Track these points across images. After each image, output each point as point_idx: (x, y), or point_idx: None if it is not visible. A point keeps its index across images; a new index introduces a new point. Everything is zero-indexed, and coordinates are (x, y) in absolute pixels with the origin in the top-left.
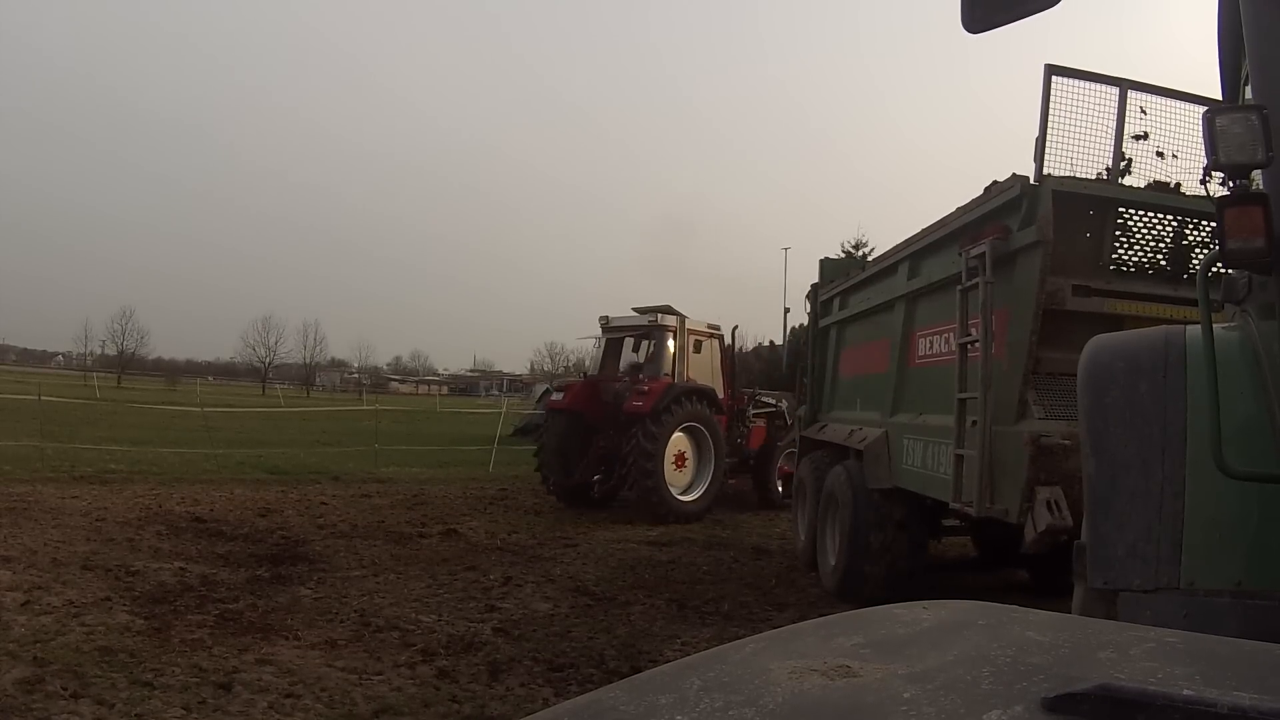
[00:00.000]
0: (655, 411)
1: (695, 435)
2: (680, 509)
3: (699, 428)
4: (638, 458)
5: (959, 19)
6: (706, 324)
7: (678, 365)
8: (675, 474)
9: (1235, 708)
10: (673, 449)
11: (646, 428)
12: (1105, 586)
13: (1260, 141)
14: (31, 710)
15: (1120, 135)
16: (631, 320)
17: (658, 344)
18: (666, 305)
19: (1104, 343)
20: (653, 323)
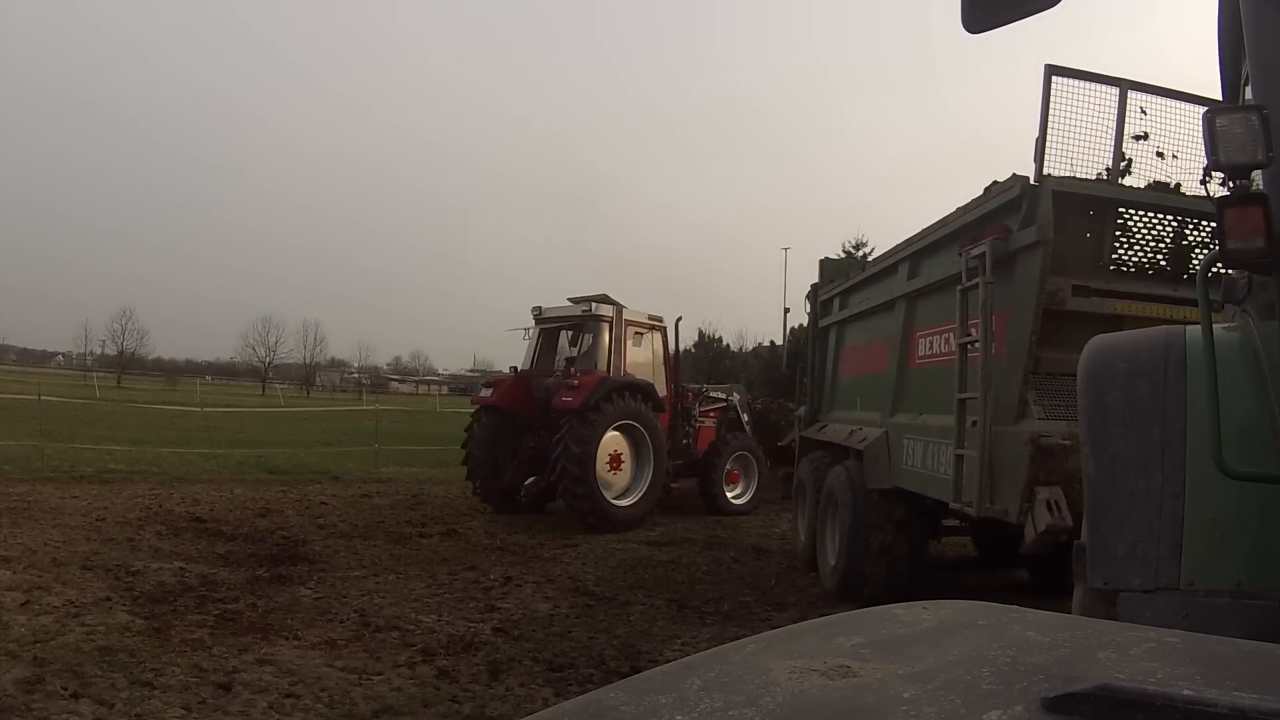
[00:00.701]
0: (586, 408)
1: (632, 435)
2: (615, 515)
3: (636, 426)
4: (566, 459)
5: (959, 19)
6: (647, 315)
7: (614, 358)
8: (610, 476)
9: (1235, 708)
10: (607, 449)
11: (575, 426)
12: (1105, 587)
13: (1260, 142)
14: (31, 710)
15: (1120, 135)
16: (565, 310)
17: (592, 336)
18: (603, 294)
19: (1104, 343)
20: (587, 313)
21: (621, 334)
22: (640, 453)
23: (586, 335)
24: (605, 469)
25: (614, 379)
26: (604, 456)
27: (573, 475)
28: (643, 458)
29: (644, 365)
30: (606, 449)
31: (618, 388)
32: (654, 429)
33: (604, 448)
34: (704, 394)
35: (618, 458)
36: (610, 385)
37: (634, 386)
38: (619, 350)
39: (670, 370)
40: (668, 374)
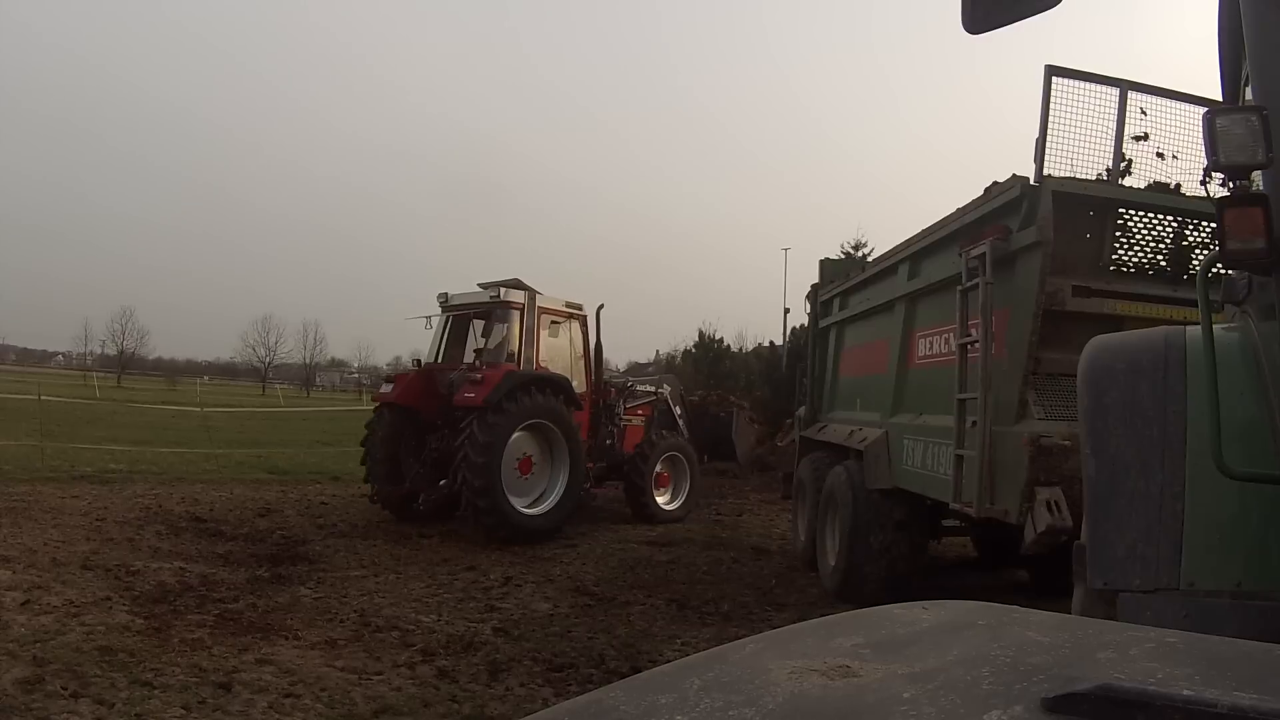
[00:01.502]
0: (490, 405)
1: (544, 435)
2: (524, 524)
3: (548, 425)
4: (467, 463)
5: (959, 20)
6: (565, 302)
7: (525, 350)
8: (519, 482)
9: (1235, 708)
10: (515, 452)
11: (478, 426)
12: (1105, 587)
13: (1260, 142)
14: (31, 710)
15: (1120, 136)
16: (474, 297)
17: (500, 324)
18: (514, 279)
19: (1104, 343)
20: (495, 299)
21: (534, 323)
22: (554, 455)
23: (495, 324)
24: (514, 473)
25: (523, 373)
26: (512, 460)
27: (475, 481)
28: (557, 460)
29: (561, 357)
30: (515, 451)
31: (527, 382)
32: (569, 428)
33: (511, 450)
34: (630, 388)
35: (528, 461)
36: (518, 380)
37: (546, 381)
38: (531, 341)
39: (590, 363)
40: (588, 367)
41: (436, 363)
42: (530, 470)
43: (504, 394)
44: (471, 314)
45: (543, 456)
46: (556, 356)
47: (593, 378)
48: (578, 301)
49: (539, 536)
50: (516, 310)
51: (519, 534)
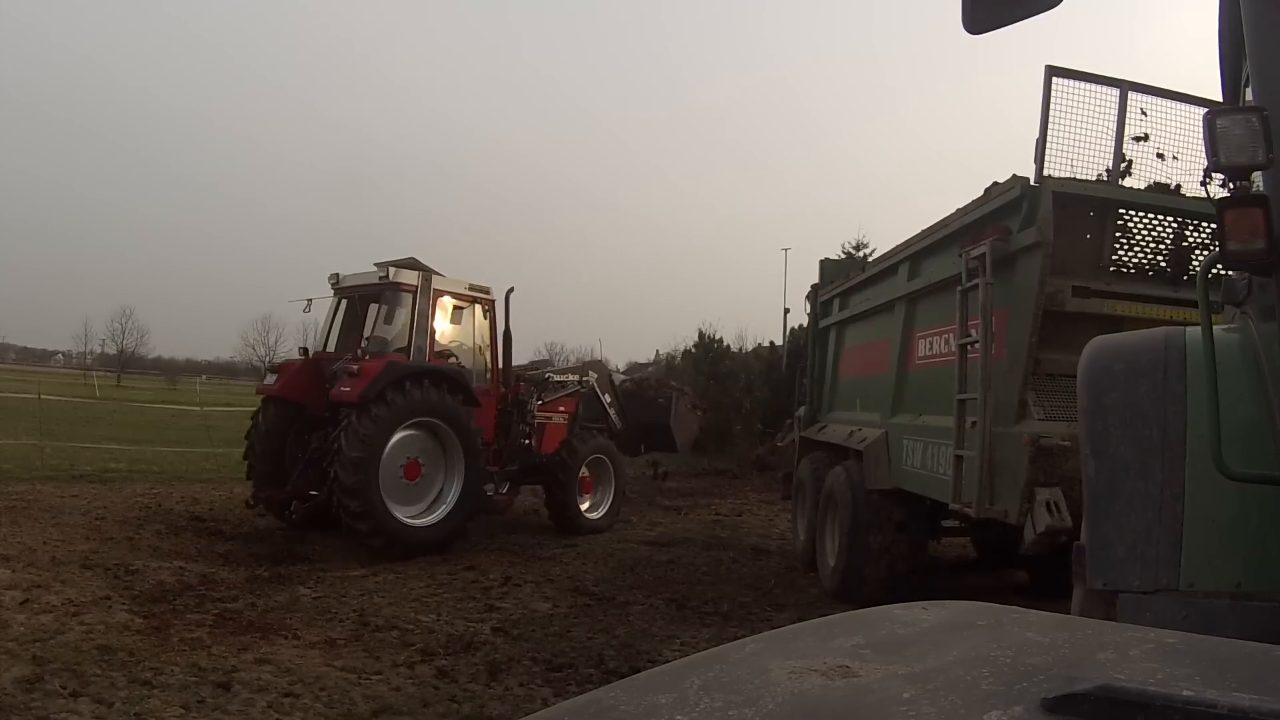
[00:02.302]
0: (365, 400)
1: (436, 435)
2: (404, 534)
3: (439, 424)
4: (340, 466)
5: (960, 20)
6: (468, 284)
7: (416, 338)
8: (404, 487)
9: (1235, 708)
10: (399, 453)
11: (353, 424)
12: (1105, 588)
13: (1260, 143)
14: (31, 709)
15: (1120, 137)
16: (366, 278)
17: (390, 309)
18: (410, 258)
19: (1104, 344)
20: (384, 280)
21: (429, 307)
22: (448, 458)
23: (384, 308)
24: (397, 478)
25: (408, 364)
26: (395, 462)
27: (348, 486)
28: (451, 464)
29: (464, 347)
30: (399, 453)
31: (413, 375)
32: (464, 427)
33: (395, 451)
34: (547, 381)
35: (414, 464)
36: (400, 372)
37: (435, 374)
38: (424, 327)
39: (498, 353)
40: (494, 358)
41: (325, 351)
42: (418, 475)
43: (383, 388)
44: (361, 297)
45: (434, 460)
46: (459, 345)
47: (498, 369)
48: (484, 284)
49: (424, 549)
50: (408, 293)
51: (398, 545)
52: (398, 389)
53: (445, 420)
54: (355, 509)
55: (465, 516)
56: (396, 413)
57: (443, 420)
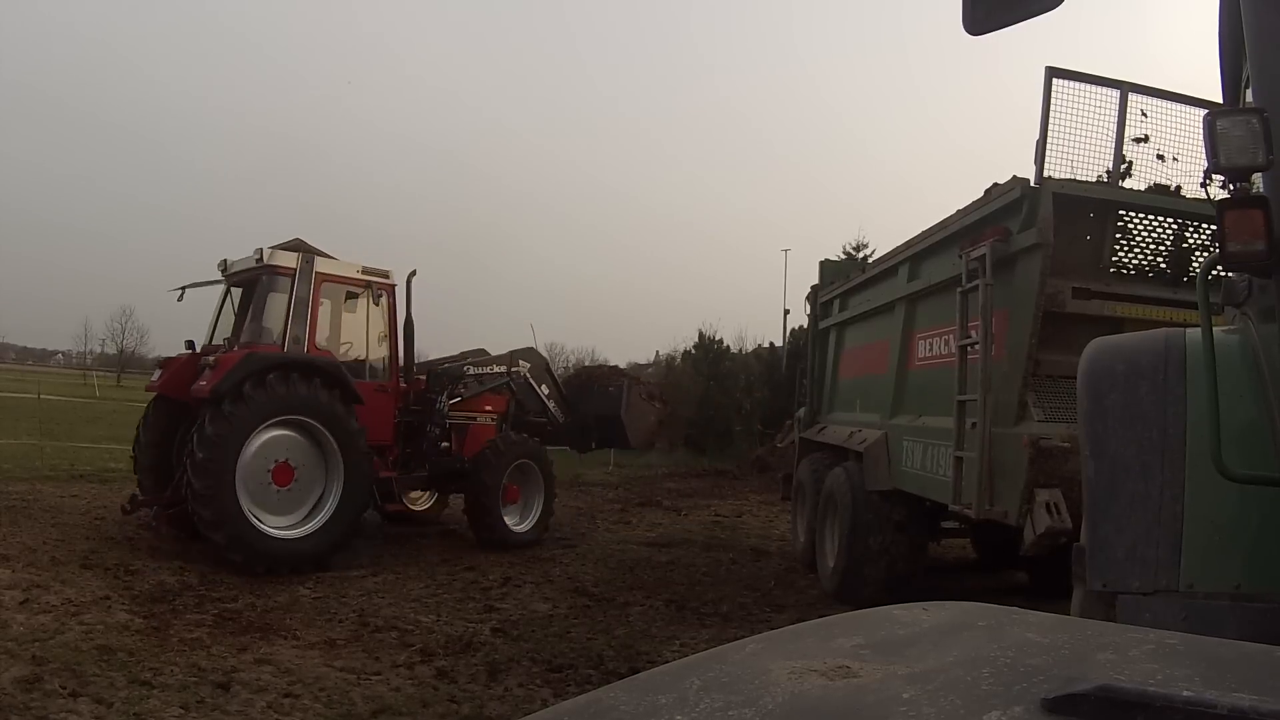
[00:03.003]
0: (218, 396)
1: (313, 436)
2: (269, 547)
3: (313, 424)
4: (192, 470)
5: (960, 21)
6: (361, 267)
7: (294, 326)
8: (273, 495)
9: (1235, 709)
10: (266, 455)
11: (206, 424)
12: (1104, 589)
13: (1261, 144)
14: (30, 709)
15: (1121, 138)
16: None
17: (267, 296)
18: (296, 239)
19: (1104, 345)
20: (260, 264)
21: (311, 293)
22: (327, 462)
23: (261, 295)
24: (263, 483)
25: (272, 355)
26: (261, 466)
27: (198, 492)
28: (331, 468)
29: (357, 338)
30: (266, 455)
31: (277, 368)
32: (341, 427)
33: (260, 453)
34: (462, 374)
35: (286, 469)
36: (260, 364)
37: (304, 366)
38: (304, 315)
39: (398, 344)
40: (393, 350)
41: (211, 344)
42: (291, 480)
43: (239, 382)
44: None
45: (311, 464)
46: (353, 336)
47: (400, 363)
48: (384, 268)
49: (295, 563)
50: (285, 277)
51: (262, 559)
52: (257, 384)
53: (318, 419)
54: (208, 517)
55: (346, 528)
56: (255, 411)
57: (315, 419)
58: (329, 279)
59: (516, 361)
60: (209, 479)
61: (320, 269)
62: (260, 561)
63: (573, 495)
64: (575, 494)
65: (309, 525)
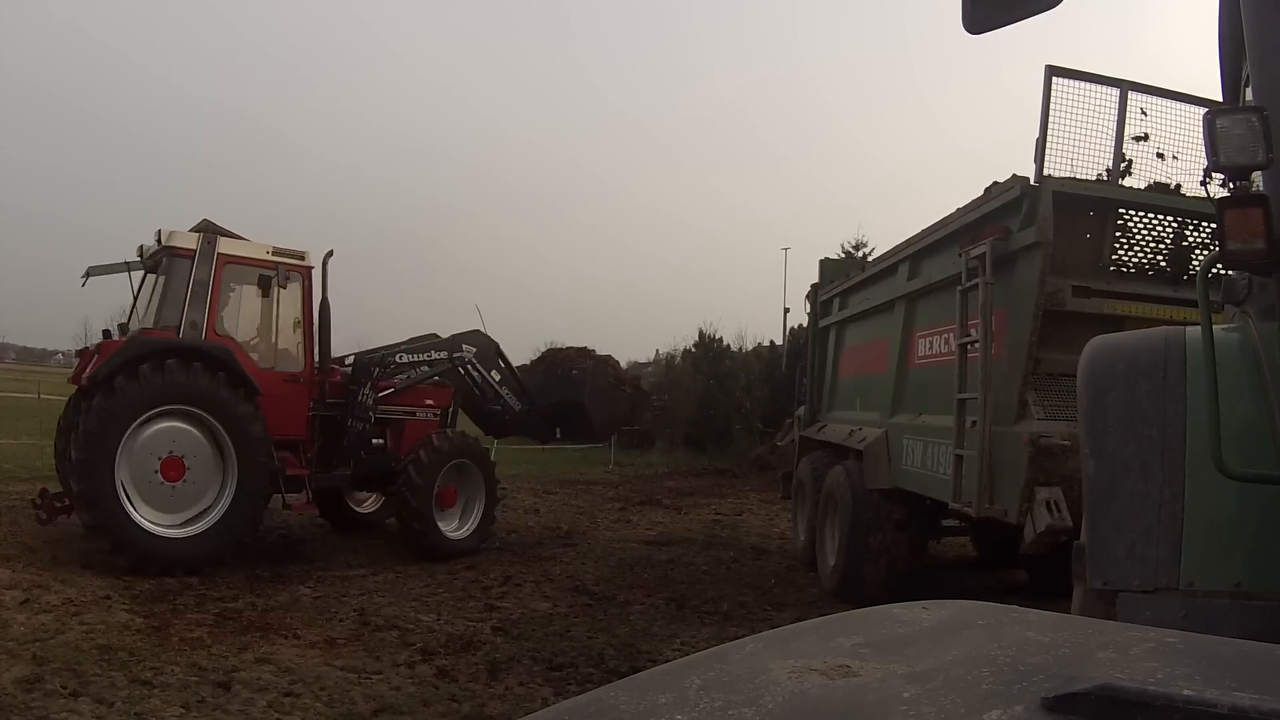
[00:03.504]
0: (92, 384)
1: (208, 430)
2: (155, 547)
3: (203, 415)
4: (70, 464)
5: (959, 20)
6: (272, 248)
7: (191, 311)
8: (162, 491)
9: (1235, 708)
10: (153, 448)
11: (84, 412)
12: (1105, 587)
13: (1260, 143)
14: (31, 708)
15: (1120, 136)
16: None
17: (169, 279)
18: (205, 220)
19: (1104, 344)
20: (160, 246)
21: (212, 275)
22: (224, 457)
23: (163, 278)
24: (150, 479)
25: (153, 341)
26: (146, 460)
27: (80, 494)
28: (226, 465)
29: (267, 324)
30: (153, 448)
31: (154, 355)
32: (233, 419)
33: (146, 446)
34: (391, 362)
35: (177, 463)
36: (137, 352)
37: (189, 353)
38: (201, 299)
39: (313, 333)
40: (308, 337)
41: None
42: (182, 476)
43: (113, 371)
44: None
45: (205, 459)
46: (262, 323)
47: (314, 351)
48: (299, 249)
49: (190, 564)
50: (184, 259)
51: (153, 560)
52: (131, 374)
53: (207, 409)
54: (89, 520)
55: (239, 528)
56: (130, 402)
57: (203, 409)
58: (233, 260)
59: (460, 346)
60: (87, 479)
61: (223, 250)
62: (151, 563)
63: (573, 494)
64: (575, 492)
65: (201, 524)
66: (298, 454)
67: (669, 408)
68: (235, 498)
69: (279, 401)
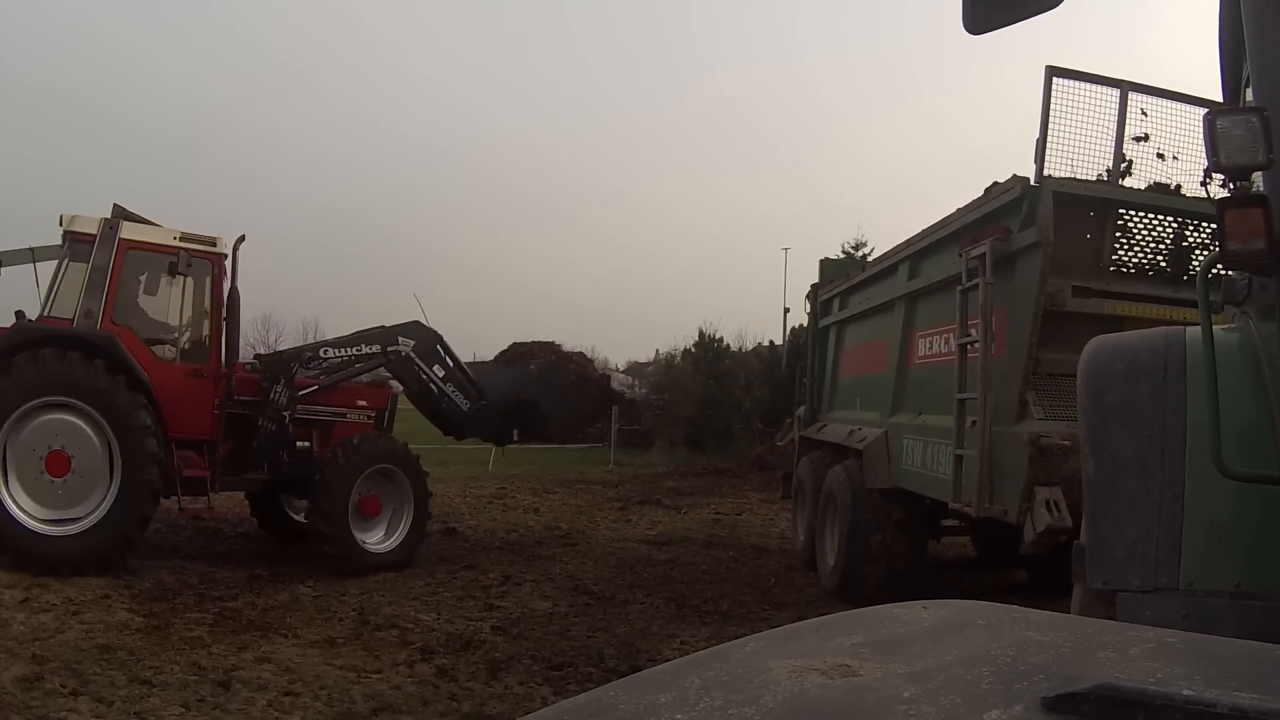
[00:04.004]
0: None
1: (96, 425)
2: (31, 545)
3: (85, 408)
4: None
5: (960, 20)
6: (179, 234)
7: (88, 298)
8: (50, 487)
9: (1235, 708)
10: (35, 442)
11: None
12: (1104, 587)
13: (1261, 143)
14: (31, 708)
15: (1121, 137)
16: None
17: (72, 265)
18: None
19: (1104, 344)
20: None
21: (113, 262)
22: (111, 451)
23: (67, 264)
24: (33, 473)
25: (35, 328)
26: (27, 454)
27: None
28: (114, 463)
29: (171, 315)
30: (35, 442)
31: (35, 344)
32: (118, 414)
33: (29, 439)
34: (311, 357)
35: (61, 457)
36: (20, 339)
37: (71, 342)
38: (99, 286)
39: (222, 324)
40: (215, 328)
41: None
42: (67, 471)
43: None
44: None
45: (94, 453)
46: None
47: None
48: (211, 235)
49: (75, 564)
50: (85, 244)
51: (34, 559)
52: (5, 363)
53: (87, 401)
54: None
55: (125, 528)
56: (15, 390)
57: (83, 401)
58: (136, 246)
59: (395, 340)
60: None
61: (126, 236)
62: (34, 563)
63: (573, 493)
64: (575, 492)
65: (84, 522)
66: (202, 454)
67: (669, 407)
68: (119, 496)
69: (181, 397)
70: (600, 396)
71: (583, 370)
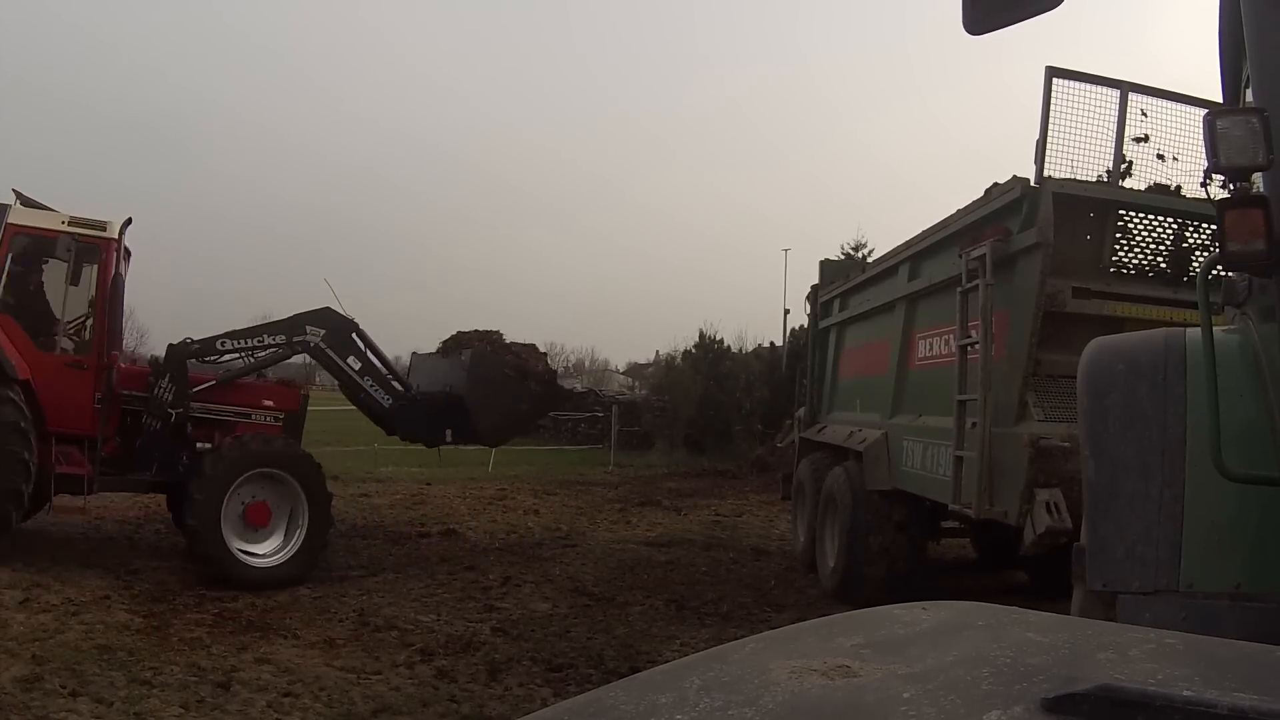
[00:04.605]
0: None
1: None
2: None
3: None
4: None
5: (960, 20)
6: (68, 218)
7: None
8: None
9: (1235, 709)
10: None
11: None
12: (1104, 588)
13: (1261, 144)
14: (30, 708)
15: (1121, 138)
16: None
17: None
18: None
19: (1104, 345)
20: None
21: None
22: None
23: None
24: None
25: None
26: None
27: None
28: None
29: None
30: None
31: None
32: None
33: None
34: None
35: None
36: None
37: None
38: None
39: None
40: (99, 317)
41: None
42: None
43: None
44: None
45: None
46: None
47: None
48: (101, 219)
49: None
50: None
51: None
52: None
53: None
54: None
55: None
56: None
57: None
58: (21, 230)
59: (302, 329)
60: None
61: (13, 220)
62: None
63: (572, 494)
64: (575, 493)
65: None
66: (84, 451)
67: (669, 409)
68: None
69: (58, 390)
70: (542, 394)
71: (521, 364)
